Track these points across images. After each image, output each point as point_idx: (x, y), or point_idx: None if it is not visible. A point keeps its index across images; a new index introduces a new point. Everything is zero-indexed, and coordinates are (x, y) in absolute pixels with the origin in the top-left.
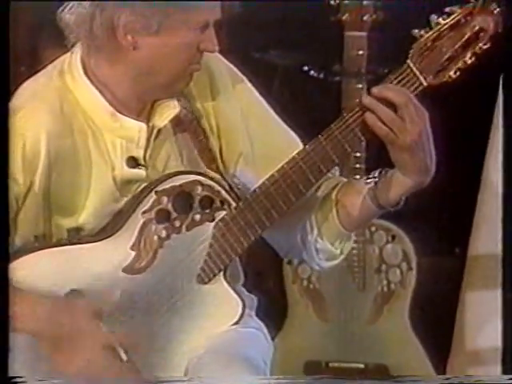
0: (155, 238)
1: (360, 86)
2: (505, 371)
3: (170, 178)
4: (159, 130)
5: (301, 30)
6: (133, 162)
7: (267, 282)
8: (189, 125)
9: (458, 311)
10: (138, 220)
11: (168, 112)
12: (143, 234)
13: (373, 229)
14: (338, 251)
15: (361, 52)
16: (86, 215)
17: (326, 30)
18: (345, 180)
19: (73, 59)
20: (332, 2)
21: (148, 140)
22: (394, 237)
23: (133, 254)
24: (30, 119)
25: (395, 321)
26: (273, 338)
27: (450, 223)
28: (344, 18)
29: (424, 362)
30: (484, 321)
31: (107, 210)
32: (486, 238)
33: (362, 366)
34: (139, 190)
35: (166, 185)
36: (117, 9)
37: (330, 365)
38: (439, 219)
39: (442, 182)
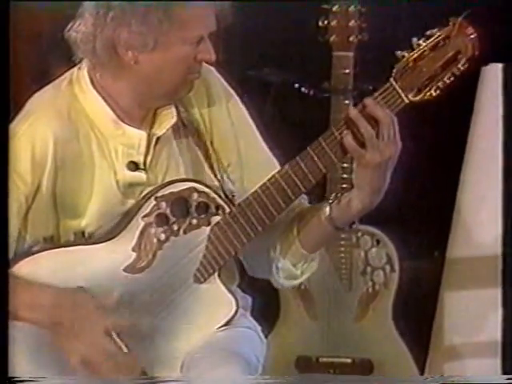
0: (155, 240)
1: (347, 101)
2: (504, 370)
3: (169, 184)
4: (158, 138)
5: (292, 50)
6: (133, 166)
7: (261, 283)
8: (188, 133)
9: (437, 310)
10: (138, 223)
11: (167, 121)
12: (143, 236)
13: (359, 234)
14: (299, 272)
15: (347, 70)
16: (90, 217)
17: (315, 50)
18: (307, 205)
19: (81, 71)
20: (320, 24)
21: (148, 147)
22: (378, 241)
23: (134, 254)
24: (39, 124)
25: (379, 319)
26: (266, 336)
27: (430, 229)
28: (332, 38)
29: (406, 357)
30: (460, 319)
31: (111, 213)
32: (462, 243)
33: (349, 360)
34: (141, 196)
35: (165, 191)
36: (115, 28)
37: (320, 360)
38: (420, 225)
39: (422, 191)
